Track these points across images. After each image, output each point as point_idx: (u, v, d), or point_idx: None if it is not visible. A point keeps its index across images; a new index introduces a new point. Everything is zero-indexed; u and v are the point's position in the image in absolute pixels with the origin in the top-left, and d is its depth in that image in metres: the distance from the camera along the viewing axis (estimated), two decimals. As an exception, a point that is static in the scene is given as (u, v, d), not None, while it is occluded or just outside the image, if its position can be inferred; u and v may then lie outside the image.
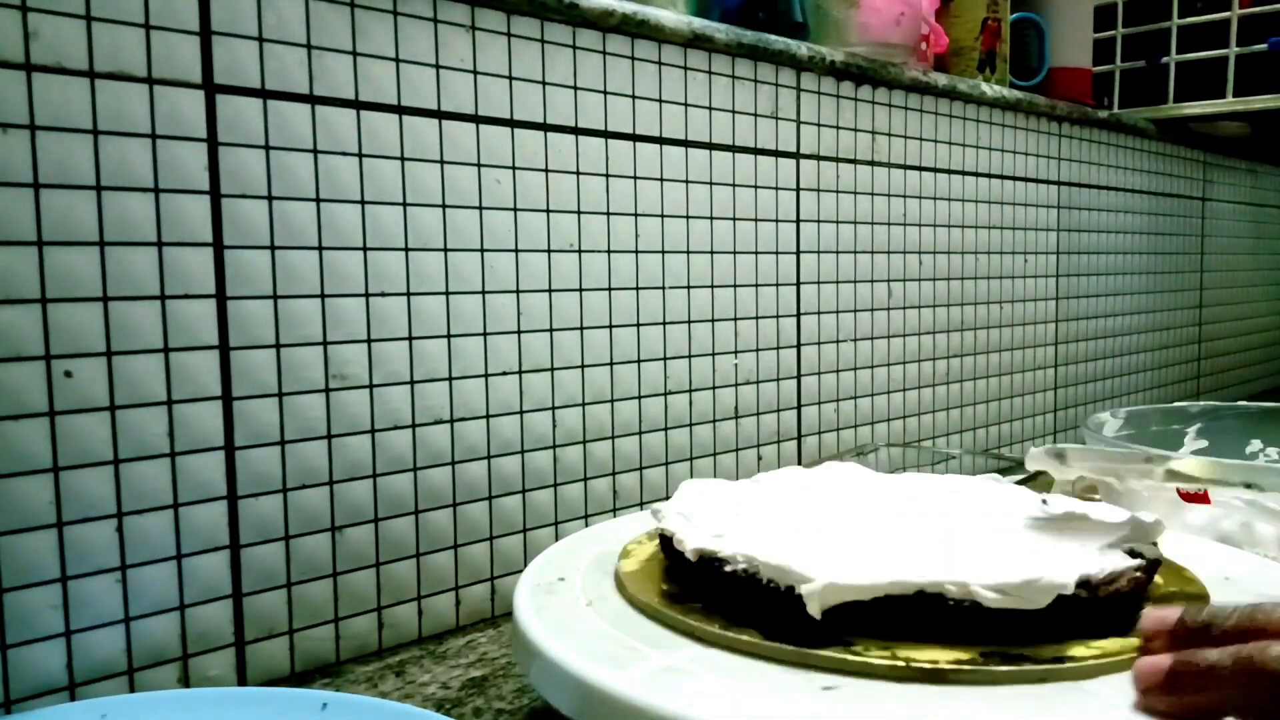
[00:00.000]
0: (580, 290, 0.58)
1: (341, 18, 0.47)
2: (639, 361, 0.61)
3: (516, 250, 0.54)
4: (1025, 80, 0.96)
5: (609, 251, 0.59)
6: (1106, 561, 0.36)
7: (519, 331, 0.55)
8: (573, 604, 0.39)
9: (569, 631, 0.36)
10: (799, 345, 0.72)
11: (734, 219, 0.66)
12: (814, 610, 0.33)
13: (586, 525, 0.58)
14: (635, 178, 0.60)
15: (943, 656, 0.32)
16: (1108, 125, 1.05)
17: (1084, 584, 0.34)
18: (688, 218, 0.63)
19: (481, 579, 0.54)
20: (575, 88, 0.56)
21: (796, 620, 0.34)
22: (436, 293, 0.51)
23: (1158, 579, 0.39)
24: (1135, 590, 0.36)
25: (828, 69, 0.71)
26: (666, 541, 0.41)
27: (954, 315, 0.87)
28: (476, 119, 0.52)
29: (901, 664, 0.32)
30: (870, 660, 0.32)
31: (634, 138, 0.60)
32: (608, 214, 0.59)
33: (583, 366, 0.58)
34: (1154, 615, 0.32)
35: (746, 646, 0.34)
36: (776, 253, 0.70)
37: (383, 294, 0.49)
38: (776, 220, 0.70)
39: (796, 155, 0.71)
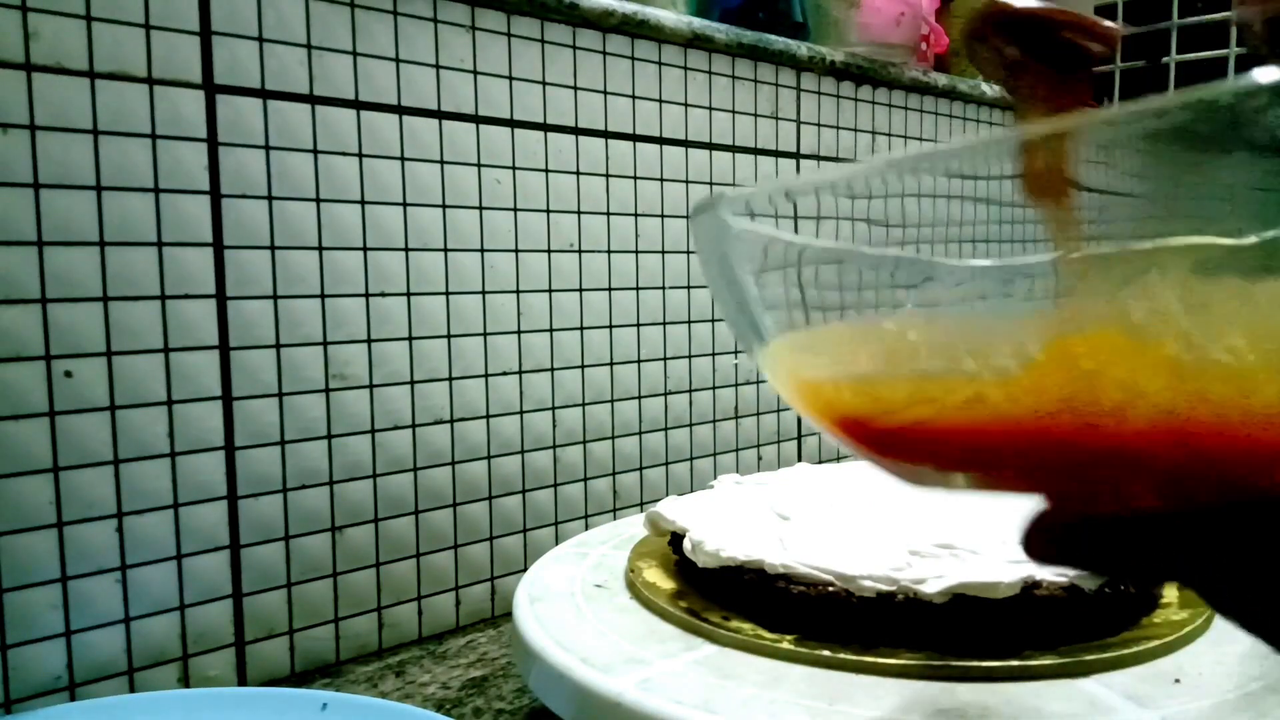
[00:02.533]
0: (580, 290, 0.58)
1: (341, 18, 0.47)
2: (639, 361, 0.61)
3: (516, 250, 0.54)
4: (1025, 80, 0.96)
5: (609, 251, 0.59)
6: None
7: (519, 331, 0.55)
8: (574, 608, 0.39)
9: (569, 636, 0.36)
10: (799, 345, 0.72)
11: (734, 219, 0.66)
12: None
13: (587, 525, 0.58)
14: (635, 178, 0.60)
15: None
16: (1108, 125, 1.05)
17: None
18: (688, 218, 0.63)
19: (481, 579, 0.54)
20: (575, 88, 0.56)
21: (836, 623, 0.34)
22: (436, 293, 0.51)
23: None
24: None
25: (828, 69, 0.71)
26: (676, 541, 0.41)
27: (954, 315, 0.87)
28: (476, 119, 0.52)
29: (917, 663, 0.32)
30: (887, 661, 0.32)
31: (634, 138, 0.60)
32: (608, 214, 0.59)
33: (583, 366, 0.58)
34: None
35: (764, 648, 0.34)
36: (776, 253, 0.70)
37: (383, 294, 0.49)
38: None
39: (796, 155, 0.71)
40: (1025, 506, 0.17)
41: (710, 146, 0.64)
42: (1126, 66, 1.14)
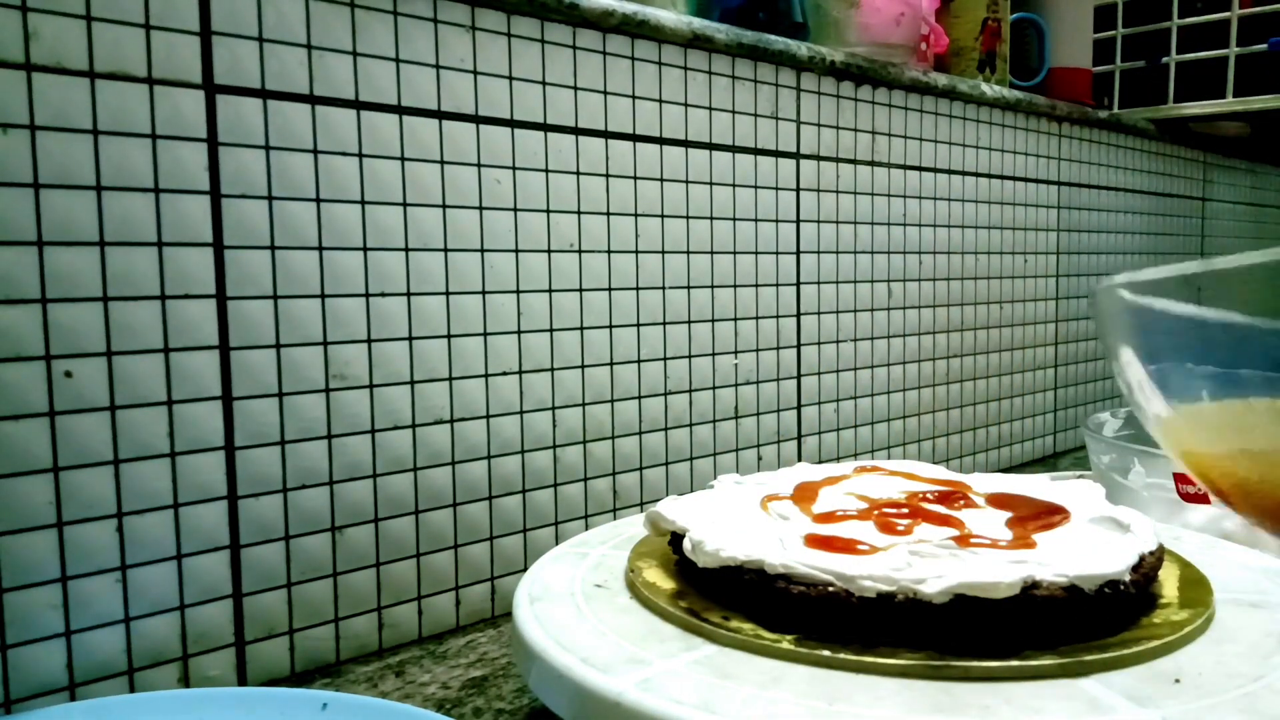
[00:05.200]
0: (580, 290, 0.58)
1: (341, 18, 0.47)
2: (639, 361, 0.61)
3: (516, 250, 0.54)
4: (1025, 80, 0.96)
5: (609, 251, 0.59)
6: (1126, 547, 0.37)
7: (519, 331, 0.55)
8: (574, 608, 0.39)
9: (569, 636, 0.36)
10: (799, 345, 0.72)
11: (734, 219, 0.66)
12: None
13: (587, 525, 0.59)
14: (635, 178, 0.60)
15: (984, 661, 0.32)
16: (1108, 125, 1.05)
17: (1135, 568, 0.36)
18: (688, 218, 0.63)
19: (481, 579, 0.54)
20: (575, 88, 0.56)
21: (836, 623, 0.34)
22: (436, 293, 0.51)
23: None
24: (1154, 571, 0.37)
25: (828, 69, 0.71)
26: (676, 541, 0.41)
27: (954, 315, 0.87)
28: (476, 119, 0.52)
29: (917, 662, 0.32)
30: (887, 661, 0.32)
31: (634, 138, 0.60)
32: (608, 214, 0.59)
33: (583, 366, 0.58)
34: None
35: (764, 648, 0.34)
36: (776, 253, 0.70)
37: (383, 294, 0.49)
38: (776, 220, 0.70)
39: (796, 155, 0.71)
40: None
41: (710, 146, 0.64)
42: (1127, 66, 1.14)
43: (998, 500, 0.44)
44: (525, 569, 0.48)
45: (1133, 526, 0.39)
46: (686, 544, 0.39)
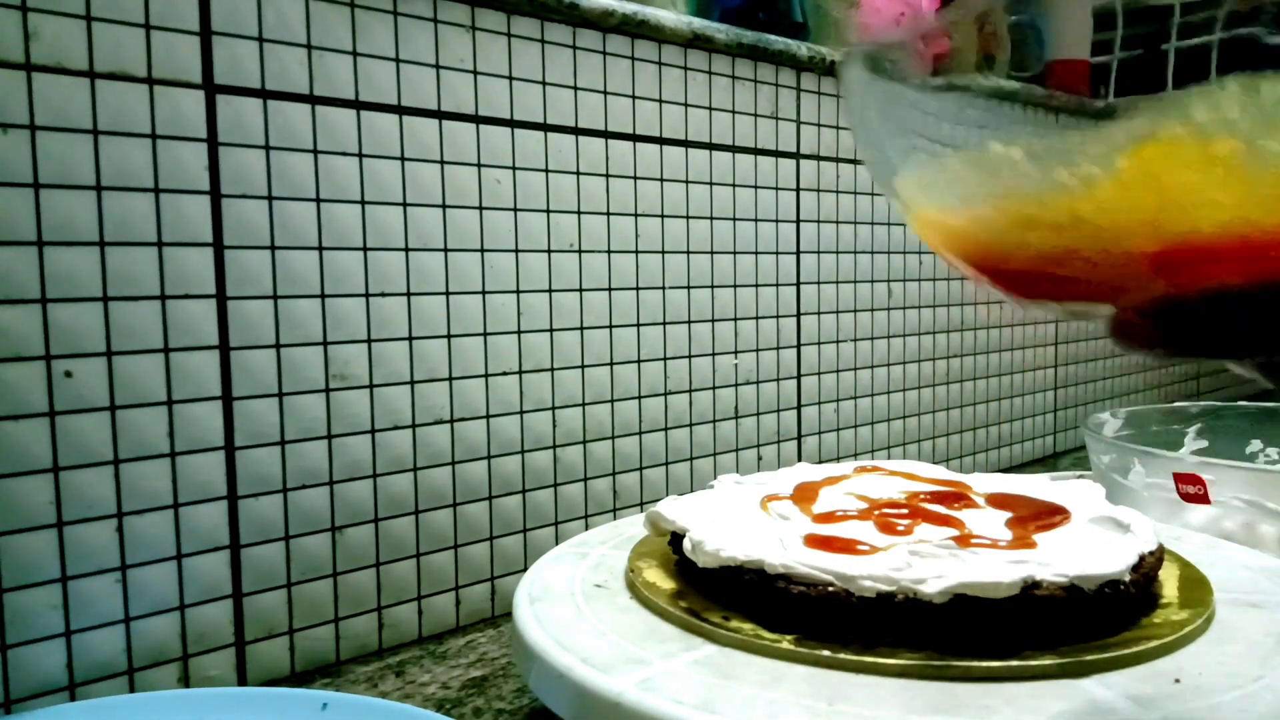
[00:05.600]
0: (580, 290, 0.58)
1: (341, 18, 0.47)
2: (639, 361, 0.61)
3: (516, 250, 0.54)
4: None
5: (609, 251, 0.59)
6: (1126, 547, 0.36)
7: (519, 331, 0.55)
8: (574, 608, 0.39)
9: (569, 636, 0.36)
10: (799, 345, 0.72)
11: (734, 219, 0.66)
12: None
13: (587, 525, 0.59)
14: (635, 178, 0.60)
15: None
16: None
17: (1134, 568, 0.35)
18: (688, 218, 0.63)
19: (481, 579, 0.54)
20: (575, 88, 0.56)
21: (836, 623, 0.34)
22: (436, 293, 0.51)
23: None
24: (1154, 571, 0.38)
25: (828, 69, 0.71)
26: (676, 541, 0.41)
27: (954, 315, 0.87)
28: (476, 119, 0.52)
29: (917, 662, 0.32)
30: (887, 661, 0.32)
31: (634, 138, 0.60)
32: (608, 214, 0.59)
33: (583, 366, 0.58)
34: None
35: (764, 648, 0.34)
36: (776, 253, 0.70)
37: (383, 294, 0.49)
38: (776, 220, 0.70)
39: (796, 155, 0.71)
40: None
41: (710, 146, 0.64)
42: (1125, 56, 1.14)
43: (998, 500, 0.44)
44: (525, 569, 0.48)
45: (1133, 526, 0.39)
46: (686, 544, 0.39)
